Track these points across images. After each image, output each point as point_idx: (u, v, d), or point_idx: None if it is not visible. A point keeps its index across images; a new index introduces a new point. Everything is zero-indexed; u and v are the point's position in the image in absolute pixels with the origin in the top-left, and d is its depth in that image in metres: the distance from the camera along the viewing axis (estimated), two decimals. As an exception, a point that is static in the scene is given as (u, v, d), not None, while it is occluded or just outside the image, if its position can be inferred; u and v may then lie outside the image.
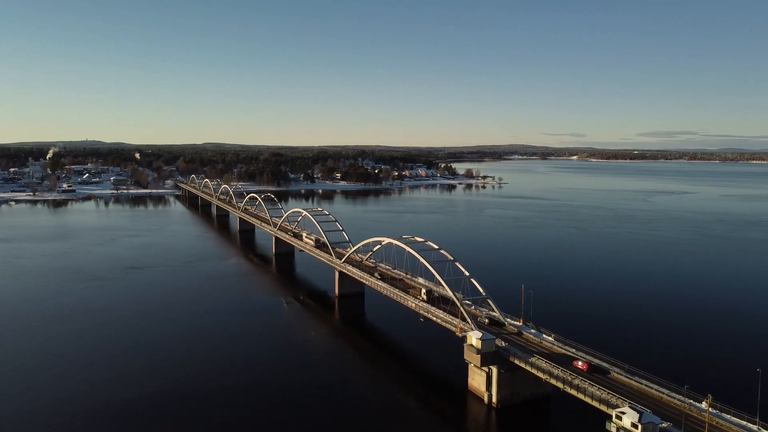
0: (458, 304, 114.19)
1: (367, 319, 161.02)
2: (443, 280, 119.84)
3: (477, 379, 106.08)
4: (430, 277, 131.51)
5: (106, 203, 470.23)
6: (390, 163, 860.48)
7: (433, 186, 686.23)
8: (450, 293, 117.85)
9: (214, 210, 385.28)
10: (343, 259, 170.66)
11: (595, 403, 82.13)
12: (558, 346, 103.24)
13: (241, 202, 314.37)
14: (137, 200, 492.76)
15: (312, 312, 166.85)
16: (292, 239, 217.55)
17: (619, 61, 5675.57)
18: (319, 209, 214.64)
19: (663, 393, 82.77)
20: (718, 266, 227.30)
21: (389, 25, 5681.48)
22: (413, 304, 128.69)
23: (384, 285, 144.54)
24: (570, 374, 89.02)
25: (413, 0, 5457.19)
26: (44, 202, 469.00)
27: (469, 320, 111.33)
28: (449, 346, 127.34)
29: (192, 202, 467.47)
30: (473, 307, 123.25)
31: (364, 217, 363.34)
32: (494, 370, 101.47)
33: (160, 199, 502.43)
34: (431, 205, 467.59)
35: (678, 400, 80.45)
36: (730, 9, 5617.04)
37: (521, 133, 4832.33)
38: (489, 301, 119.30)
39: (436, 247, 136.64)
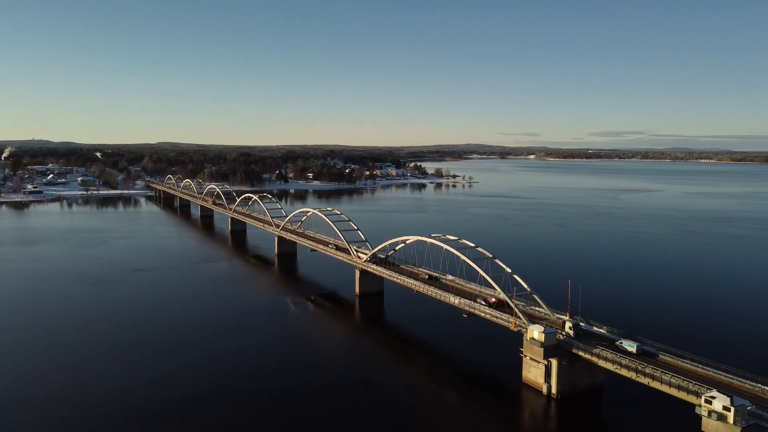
0: (511, 303, 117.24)
1: (390, 316, 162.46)
2: (479, 277, 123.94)
3: (533, 372, 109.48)
4: (471, 275, 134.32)
5: (77, 205, 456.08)
6: (359, 162, 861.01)
7: (404, 185, 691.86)
8: (498, 290, 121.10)
9: (198, 211, 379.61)
10: (365, 258, 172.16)
11: (673, 391, 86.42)
12: (614, 338, 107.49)
13: (231, 203, 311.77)
14: (108, 201, 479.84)
15: (332, 311, 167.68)
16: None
17: (570, 63, 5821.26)
18: (329, 209, 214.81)
19: (732, 379, 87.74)
20: (716, 259, 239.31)
21: (345, 26, 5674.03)
22: (456, 301, 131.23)
23: (416, 283, 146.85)
24: (640, 363, 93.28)
25: (366, 0, 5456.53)
26: (10, 204, 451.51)
27: (521, 316, 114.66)
28: (488, 340, 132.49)
29: (167, 202, 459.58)
30: (514, 302, 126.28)
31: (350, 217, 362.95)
32: (554, 362, 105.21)
33: (132, 200, 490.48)
34: (412, 204, 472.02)
35: (749, 384, 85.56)
36: (668, 16, 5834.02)
37: (477, 132, 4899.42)
38: (535, 296, 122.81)
39: (472, 245, 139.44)
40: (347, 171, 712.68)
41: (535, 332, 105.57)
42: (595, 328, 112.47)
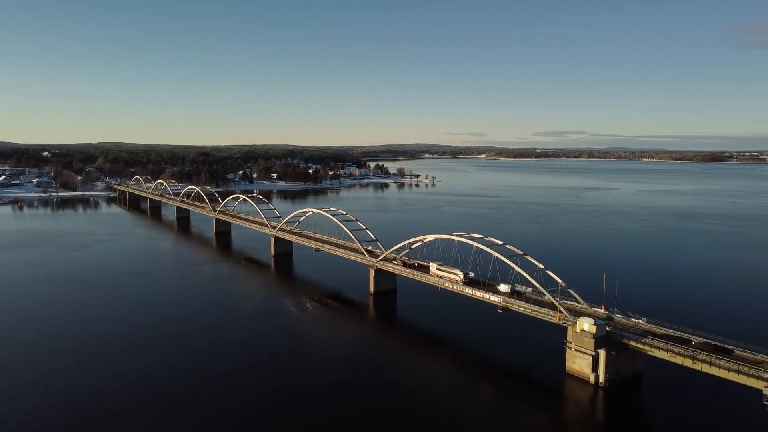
0: (555, 301, 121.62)
1: (409, 314, 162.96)
2: (513, 274, 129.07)
3: (579, 362, 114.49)
4: (503, 272, 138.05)
5: (37, 207, 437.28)
6: (319, 162, 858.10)
7: (368, 185, 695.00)
8: (538, 285, 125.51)
9: (170, 213, 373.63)
10: (380, 258, 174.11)
11: (732, 376, 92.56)
12: (654, 328, 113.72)
13: (214, 204, 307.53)
14: (69, 203, 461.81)
15: (347, 310, 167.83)
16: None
17: (513, 64, 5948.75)
18: (333, 208, 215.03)
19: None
20: (699, 252, 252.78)
21: (292, 29, 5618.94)
22: (494, 298, 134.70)
23: (441, 281, 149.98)
24: (693, 350, 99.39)
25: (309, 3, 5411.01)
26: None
27: (562, 310, 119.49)
28: (516, 334, 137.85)
29: (133, 204, 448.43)
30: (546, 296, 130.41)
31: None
32: (602, 352, 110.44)
33: (95, 202, 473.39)
34: (385, 204, 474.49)
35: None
36: (605, 20, 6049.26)
37: (426, 132, 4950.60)
38: (570, 290, 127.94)
39: (500, 242, 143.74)
40: (311, 171, 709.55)
41: (585, 324, 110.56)
42: (633, 319, 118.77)
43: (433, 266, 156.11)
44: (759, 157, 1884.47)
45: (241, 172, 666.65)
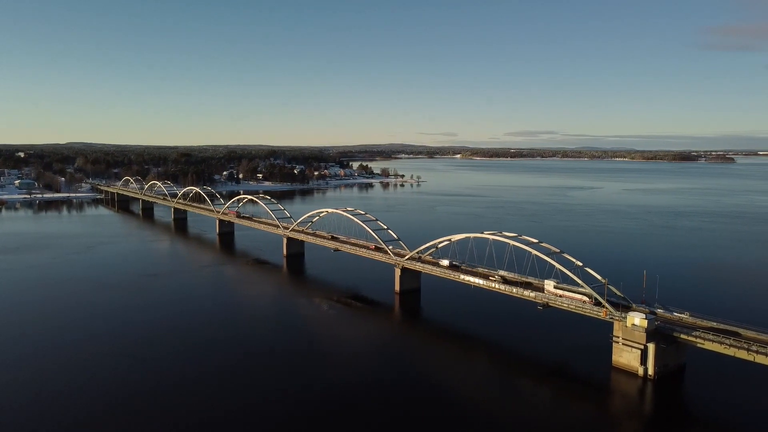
0: (601, 299, 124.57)
1: (436, 312, 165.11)
2: (554, 272, 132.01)
3: (626, 356, 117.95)
4: (542, 270, 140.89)
5: (22, 209, 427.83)
6: (303, 162, 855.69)
7: (354, 185, 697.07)
8: (581, 283, 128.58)
9: (164, 213, 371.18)
10: (406, 257, 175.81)
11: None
12: (699, 322, 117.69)
13: (220, 205, 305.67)
14: (55, 205, 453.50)
15: (374, 310, 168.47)
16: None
17: (485, 63, 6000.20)
18: (351, 208, 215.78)
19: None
20: (700, 249, 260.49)
21: (261, 28, 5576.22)
22: (532, 295, 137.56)
23: (476, 280, 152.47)
24: (745, 342, 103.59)
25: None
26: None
27: (607, 306, 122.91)
28: (553, 330, 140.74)
29: (122, 205, 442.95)
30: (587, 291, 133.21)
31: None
32: (651, 346, 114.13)
33: (82, 204, 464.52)
34: (377, 205, 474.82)
35: None
36: (573, 21, 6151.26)
37: (399, 132, 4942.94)
38: (611, 287, 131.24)
39: (535, 240, 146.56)
40: (296, 171, 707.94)
41: (637, 319, 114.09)
42: (675, 313, 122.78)
43: (549, 284, 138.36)
44: (726, 156, 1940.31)
45: (226, 172, 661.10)
